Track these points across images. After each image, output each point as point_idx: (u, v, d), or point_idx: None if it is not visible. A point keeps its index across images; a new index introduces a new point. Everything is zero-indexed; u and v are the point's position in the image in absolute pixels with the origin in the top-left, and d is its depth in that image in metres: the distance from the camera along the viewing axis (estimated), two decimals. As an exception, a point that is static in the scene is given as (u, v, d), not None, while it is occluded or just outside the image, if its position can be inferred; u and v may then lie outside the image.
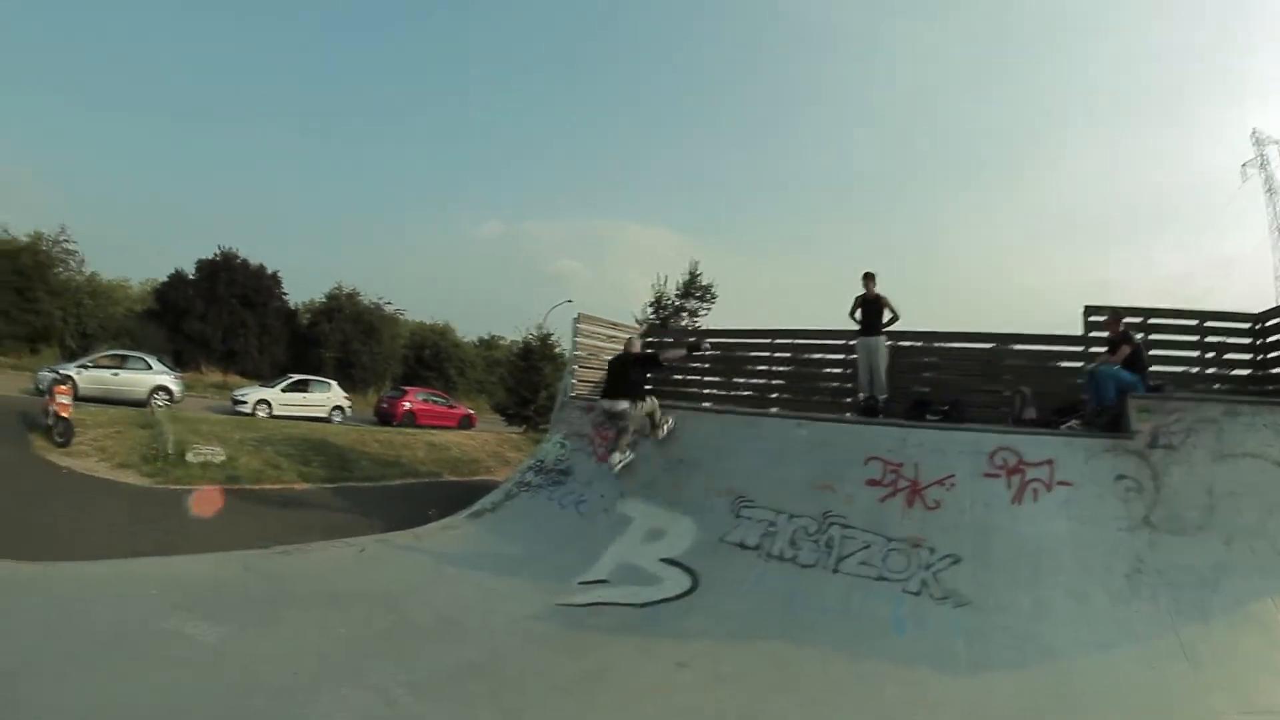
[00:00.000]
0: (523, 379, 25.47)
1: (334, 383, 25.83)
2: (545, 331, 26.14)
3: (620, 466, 8.65)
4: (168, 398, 19.59)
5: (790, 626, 5.69)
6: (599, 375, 11.76)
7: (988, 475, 6.67)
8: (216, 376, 31.73)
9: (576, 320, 11.52)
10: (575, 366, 11.40)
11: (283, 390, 23.18)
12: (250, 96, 77.96)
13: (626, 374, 8.85)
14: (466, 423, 26.15)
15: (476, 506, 9.62)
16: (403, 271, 73.53)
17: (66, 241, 31.94)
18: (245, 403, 21.56)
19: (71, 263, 32.36)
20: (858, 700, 4.51)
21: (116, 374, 19.31)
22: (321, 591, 6.34)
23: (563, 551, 7.64)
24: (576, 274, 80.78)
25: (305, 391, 23.80)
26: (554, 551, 7.69)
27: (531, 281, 75.91)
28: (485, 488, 10.74)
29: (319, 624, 5.54)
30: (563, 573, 7.03)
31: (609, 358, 9.88)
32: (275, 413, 21.57)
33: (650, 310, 21.07)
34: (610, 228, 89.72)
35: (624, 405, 8.64)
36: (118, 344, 24.24)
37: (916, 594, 5.91)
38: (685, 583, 6.63)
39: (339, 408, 24.12)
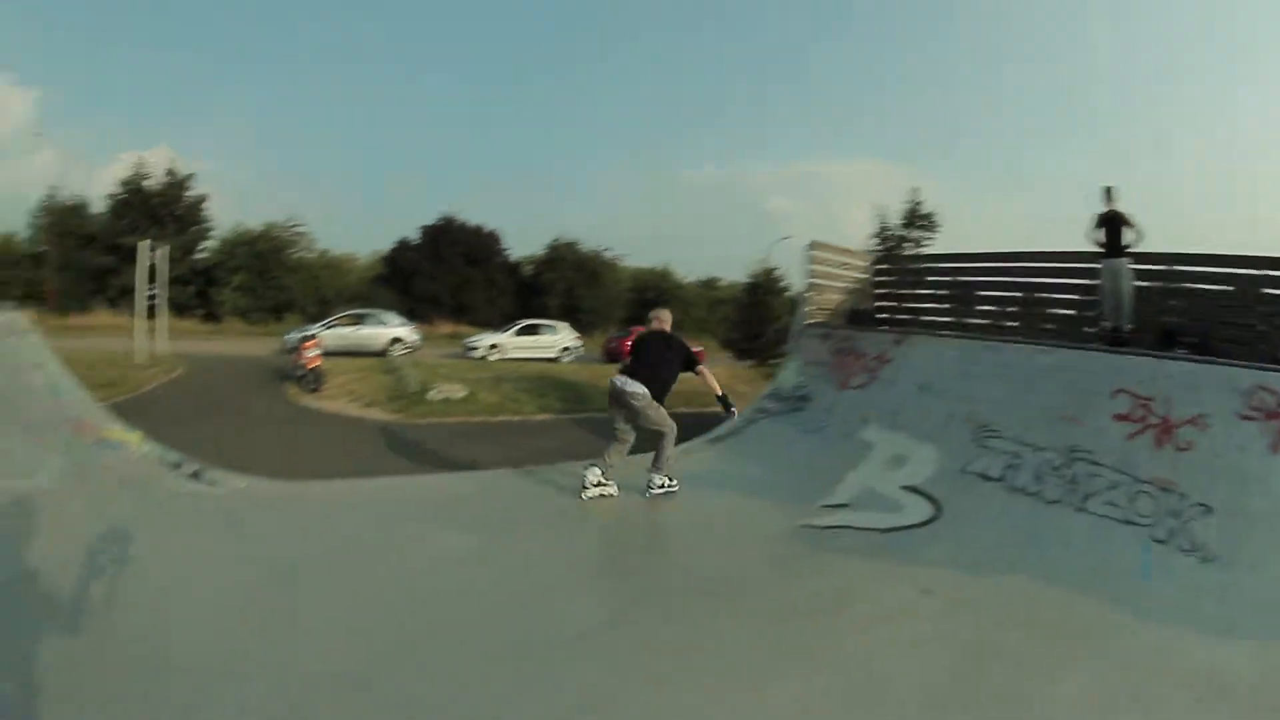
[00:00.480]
0: (750, 314, 26.00)
1: (565, 324, 27.34)
2: (770, 266, 26.24)
3: (595, 494, 6.87)
4: (405, 347, 21.75)
5: (1033, 563, 5.45)
6: (834, 301, 11.76)
7: (1243, 417, 5.85)
8: (448, 328, 35.09)
9: (809, 248, 11.46)
10: (810, 294, 11.35)
11: (514, 334, 24.92)
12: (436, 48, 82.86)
13: (659, 358, 7.13)
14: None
15: (715, 433, 9.71)
16: (621, 220, 76.17)
17: (297, 225, 37.96)
18: (477, 348, 23.48)
19: (303, 242, 38.28)
20: (1099, 646, 4.22)
21: (357, 329, 21.80)
22: (563, 508, 6.64)
23: (803, 475, 7.62)
24: (790, 212, 79.52)
25: (535, 335, 25.46)
26: (795, 475, 7.69)
27: (747, 222, 75.94)
28: (718, 418, 10.65)
29: (563, 537, 5.90)
30: (804, 496, 7.01)
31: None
32: (507, 356, 23.19)
33: (874, 241, 21.19)
34: (822, 164, 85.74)
35: (638, 389, 6.86)
36: (354, 306, 27.29)
37: (1163, 542, 5.38)
38: (927, 510, 6.50)
39: (567, 348, 25.48)
